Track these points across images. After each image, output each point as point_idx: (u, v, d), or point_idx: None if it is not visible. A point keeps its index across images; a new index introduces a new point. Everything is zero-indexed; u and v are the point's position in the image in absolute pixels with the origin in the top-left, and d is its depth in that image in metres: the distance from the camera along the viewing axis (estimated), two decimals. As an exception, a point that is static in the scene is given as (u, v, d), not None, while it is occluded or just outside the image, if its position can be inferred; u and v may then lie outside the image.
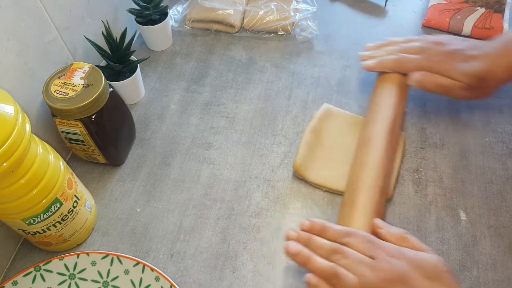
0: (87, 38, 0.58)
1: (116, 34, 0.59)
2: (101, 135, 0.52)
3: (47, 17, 0.52)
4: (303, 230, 0.44)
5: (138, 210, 0.54)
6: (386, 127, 0.53)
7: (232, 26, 0.73)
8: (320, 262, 0.40)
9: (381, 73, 0.59)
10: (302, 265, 0.42)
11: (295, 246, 0.42)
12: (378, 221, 0.45)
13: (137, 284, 0.47)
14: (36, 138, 0.43)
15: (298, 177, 0.55)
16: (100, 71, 0.50)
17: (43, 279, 0.47)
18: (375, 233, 0.44)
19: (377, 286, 0.37)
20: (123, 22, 0.68)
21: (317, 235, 0.43)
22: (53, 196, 0.43)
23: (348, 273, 0.39)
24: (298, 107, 0.63)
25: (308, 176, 0.55)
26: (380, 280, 0.37)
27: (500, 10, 0.71)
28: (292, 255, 0.42)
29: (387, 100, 0.55)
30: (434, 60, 0.54)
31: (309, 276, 0.41)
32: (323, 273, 0.40)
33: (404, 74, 0.57)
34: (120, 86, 0.60)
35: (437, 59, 0.54)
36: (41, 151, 0.42)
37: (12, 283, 0.46)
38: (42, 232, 0.46)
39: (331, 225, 0.43)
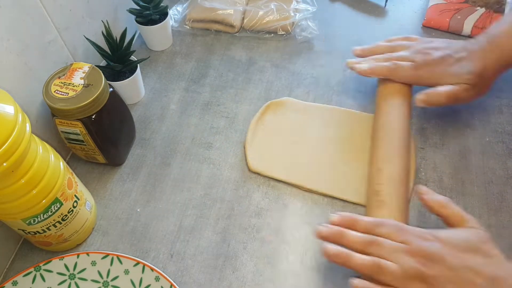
0: (87, 38, 0.58)
1: (116, 34, 0.59)
2: (101, 135, 0.52)
3: (47, 17, 0.52)
4: (333, 224, 0.44)
5: (138, 210, 0.54)
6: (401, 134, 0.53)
7: (232, 26, 0.73)
8: (360, 258, 0.40)
9: (384, 81, 0.59)
10: (342, 265, 0.41)
11: (333, 247, 0.42)
12: (422, 188, 0.45)
13: (137, 284, 0.47)
14: (36, 138, 0.43)
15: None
16: (100, 71, 0.50)
17: (43, 279, 0.47)
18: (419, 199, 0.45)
19: (418, 269, 0.38)
20: (123, 22, 0.68)
21: (348, 228, 0.43)
22: (53, 196, 0.43)
23: (388, 262, 0.39)
24: (298, 107, 0.63)
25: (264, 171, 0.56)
26: (419, 263, 0.38)
27: (500, 10, 0.71)
28: (331, 257, 0.42)
29: (399, 115, 0.55)
30: (426, 70, 0.55)
31: (356, 282, 0.40)
32: (365, 268, 0.40)
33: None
34: (120, 86, 0.60)
35: (429, 68, 0.55)
36: (41, 151, 0.42)
37: (12, 283, 0.46)
38: (42, 232, 0.46)
39: (360, 217, 0.44)
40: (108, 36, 0.58)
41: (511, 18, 0.54)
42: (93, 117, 0.49)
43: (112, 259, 0.48)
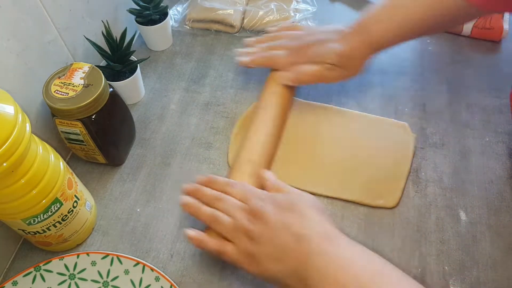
0: (87, 38, 0.58)
1: (116, 34, 0.59)
2: (101, 135, 0.52)
3: (47, 17, 0.52)
4: (198, 183, 0.49)
5: (138, 210, 0.54)
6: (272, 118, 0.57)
7: (232, 26, 0.73)
8: (204, 209, 0.46)
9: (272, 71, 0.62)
10: (192, 215, 0.46)
11: (187, 198, 0.47)
12: (265, 173, 0.49)
13: (137, 284, 0.47)
14: (36, 138, 0.43)
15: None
16: (100, 71, 0.50)
17: (43, 279, 0.47)
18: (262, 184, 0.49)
19: (244, 224, 0.42)
20: (123, 22, 0.68)
21: (206, 185, 0.48)
22: (53, 196, 0.43)
23: (224, 215, 0.44)
24: (298, 107, 0.63)
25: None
26: (247, 219, 0.43)
27: (500, 10, 0.71)
28: (184, 206, 0.47)
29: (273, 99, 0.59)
30: (299, 54, 0.59)
31: (190, 231, 0.46)
32: (206, 218, 0.45)
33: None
34: (120, 86, 0.60)
35: (301, 52, 0.59)
36: (41, 151, 0.42)
37: (12, 283, 0.46)
38: (42, 232, 0.46)
39: (218, 178, 0.48)
40: (108, 36, 0.58)
41: (383, 2, 0.56)
42: (93, 117, 0.49)
43: (112, 259, 0.48)
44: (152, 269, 0.47)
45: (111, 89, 0.52)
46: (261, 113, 0.57)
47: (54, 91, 0.48)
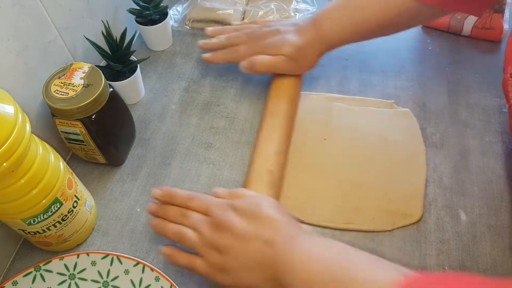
0: (87, 38, 0.58)
1: (116, 34, 0.59)
2: (101, 135, 0.52)
3: (47, 17, 0.52)
4: (155, 198, 0.48)
5: (138, 210, 0.54)
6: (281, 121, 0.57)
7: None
8: (170, 227, 0.46)
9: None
10: (160, 234, 0.47)
11: (155, 219, 0.47)
12: (218, 189, 0.48)
13: (137, 284, 0.47)
14: (36, 138, 0.43)
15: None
16: (100, 71, 0.50)
17: (43, 279, 0.47)
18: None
19: (210, 236, 0.42)
20: (123, 22, 0.68)
21: (167, 201, 0.48)
22: (53, 196, 0.43)
23: (189, 231, 0.44)
24: (298, 107, 0.63)
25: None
26: (211, 231, 0.42)
27: (500, 10, 0.71)
28: (153, 227, 0.47)
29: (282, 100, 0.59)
30: (256, 44, 0.60)
31: (164, 249, 0.46)
32: (172, 235, 0.45)
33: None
34: (120, 86, 0.60)
35: (257, 42, 0.60)
36: (41, 151, 0.42)
37: (12, 283, 0.46)
38: (42, 232, 0.46)
39: (178, 192, 0.48)
40: (108, 36, 0.58)
41: (335, 1, 0.57)
42: (93, 117, 0.49)
43: (112, 259, 0.48)
44: (152, 269, 0.47)
45: (111, 89, 0.52)
46: (270, 121, 0.56)
47: (54, 91, 0.48)
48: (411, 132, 0.59)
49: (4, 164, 0.36)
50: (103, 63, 0.64)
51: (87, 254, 0.48)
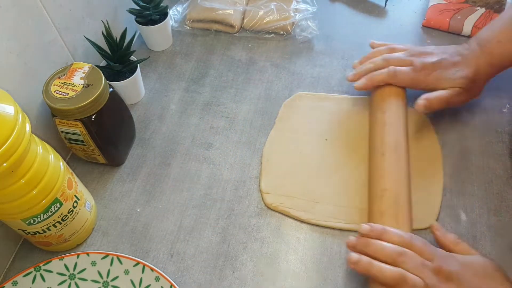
0: (87, 38, 0.58)
1: (116, 34, 0.59)
2: (101, 135, 0.52)
3: (47, 17, 0.52)
4: (362, 235, 0.44)
5: (138, 210, 0.54)
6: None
7: (232, 26, 0.73)
8: (385, 267, 0.41)
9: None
10: (364, 273, 0.42)
11: (355, 255, 0.43)
12: (436, 224, 0.48)
13: (137, 284, 0.47)
14: (36, 138, 0.43)
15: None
16: (100, 71, 0.50)
17: (43, 279, 0.47)
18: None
19: (439, 286, 0.40)
20: (123, 22, 0.68)
21: (376, 238, 0.44)
22: (53, 196, 0.43)
23: (415, 276, 0.40)
24: (298, 107, 0.63)
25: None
26: (440, 281, 0.40)
27: (500, 10, 0.71)
28: (352, 264, 0.43)
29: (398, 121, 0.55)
30: (423, 73, 0.56)
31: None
32: (390, 278, 0.40)
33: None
34: (120, 86, 0.60)
35: (426, 71, 0.56)
36: (41, 151, 0.42)
37: (12, 283, 0.46)
38: (42, 232, 0.46)
39: (390, 229, 0.44)
40: (108, 36, 0.58)
41: (500, 22, 0.56)
42: (93, 117, 0.49)
43: (112, 259, 0.48)
44: (152, 269, 0.47)
45: (111, 89, 0.52)
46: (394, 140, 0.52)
47: (54, 91, 0.48)
48: (423, 131, 0.59)
49: (4, 164, 0.36)
50: (103, 63, 0.64)
51: (87, 254, 0.48)
